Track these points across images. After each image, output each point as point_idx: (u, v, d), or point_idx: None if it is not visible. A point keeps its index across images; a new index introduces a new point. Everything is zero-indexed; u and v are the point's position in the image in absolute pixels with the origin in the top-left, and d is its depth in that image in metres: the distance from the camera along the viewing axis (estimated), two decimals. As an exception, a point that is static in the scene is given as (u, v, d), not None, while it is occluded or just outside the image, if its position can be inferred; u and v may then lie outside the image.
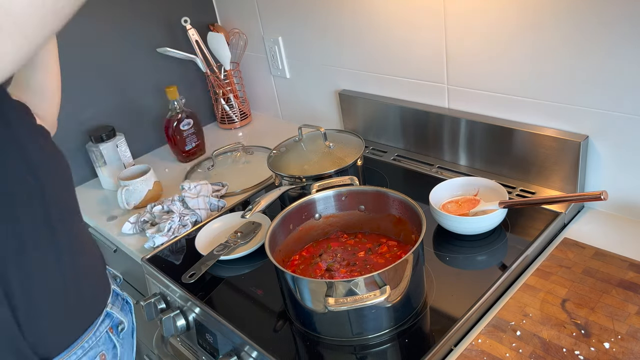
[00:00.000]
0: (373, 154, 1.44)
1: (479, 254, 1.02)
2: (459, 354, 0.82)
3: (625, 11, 0.91)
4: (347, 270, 0.95)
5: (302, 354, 0.89)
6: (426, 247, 1.05)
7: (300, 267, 0.99)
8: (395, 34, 1.29)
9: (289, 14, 1.54)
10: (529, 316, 0.85)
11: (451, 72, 1.23)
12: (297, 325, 0.92)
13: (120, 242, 1.29)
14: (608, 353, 0.77)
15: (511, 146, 1.17)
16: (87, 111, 1.56)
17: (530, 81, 1.10)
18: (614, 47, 0.95)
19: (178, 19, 1.66)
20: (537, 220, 1.07)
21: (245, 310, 0.99)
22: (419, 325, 0.88)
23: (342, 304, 0.78)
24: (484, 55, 1.14)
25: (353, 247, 1.02)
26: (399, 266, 0.82)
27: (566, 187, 1.12)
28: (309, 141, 1.28)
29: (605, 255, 0.95)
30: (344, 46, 1.44)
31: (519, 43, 1.07)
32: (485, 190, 1.11)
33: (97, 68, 1.56)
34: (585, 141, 1.06)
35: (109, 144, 1.49)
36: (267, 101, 1.84)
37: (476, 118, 1.21)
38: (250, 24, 1.69)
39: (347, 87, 1.50)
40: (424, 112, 1.31)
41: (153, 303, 1.12)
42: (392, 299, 0.84)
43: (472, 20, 1.13)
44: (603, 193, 0.90)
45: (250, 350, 0.91)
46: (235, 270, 1.10)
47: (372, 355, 0.85)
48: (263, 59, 1.73)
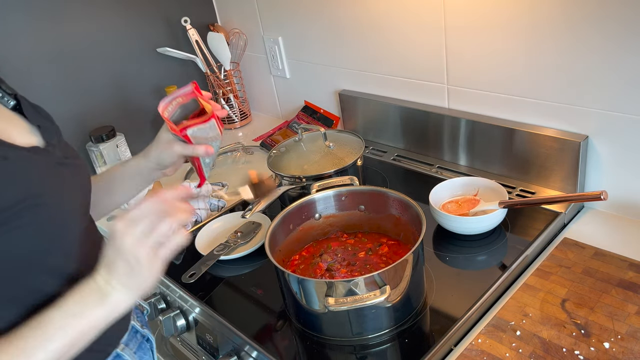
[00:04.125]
0: (373, 154, 1.44)
1: (479, 254, 1.02)
2: (459, 354, 0.82)
3: (625, 11, 0.91)
4: (347, 270, 0.95)
5: (302, 354, 0.89)
6: (426, 247, 1.05)
7: (300, 267, 0.99)
8: (395, 34, 1.29)
9: (289, 14, 1.54)
10: (529, 316, 0.85)
11: (451, 72, 1.23)
12: (297, 325, 0.92)
13: (120, 242, 1.29)
14: (608, 353, 0.77)
15: (511, 146, 1.17)
16: (87, 111, 1.56)
17: (530, 81, 1.10)
18: (614, 47, 0.95)
19: (178, 19, 1.66)
20: (537, 220, 1.07)
21: (245, 310, 0.99)
22: (419, 325, 0.88)
23: (342, 304, 0.78)
24: (484, 55, 1.14)
25: (353, 247, 1.02)
26: (399, 266, 0.82)
27: (566, 187, 1.12)
28: (309, 141, 1.28)
29: (605, 255, 0.95)
30: (344, 46, 1.44)
31: (518, 43, 1.07)
32: (485, 190, 1.11)
33: (97, 68, 1.56)
34: (585, 141, 1.06)
35: (109, 144, 1.49)
36: (267, 101, 1.84)
37: (476, 118, 1.21)
38: (250, 24, 1.69)
39: (347, 87, 1.50)
40: (424, 112, 1.31)
41: (153, 303, 1.12)
42: (392, 299, 0.84)
43: (472, 20, 1.13)
44: (603, 193, 0.90)
45: (250, 350, 0.91)
46: (235, 270, 1.10)
47: (372, 355, 0.86)
48: (263, 59, 1.73)
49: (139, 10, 1.61)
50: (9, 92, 0.74)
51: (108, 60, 1.58)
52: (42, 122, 0.75)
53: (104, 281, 0.65)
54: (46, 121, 0.76)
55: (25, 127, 0.72)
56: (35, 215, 0.64)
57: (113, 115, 1.62)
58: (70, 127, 1.52)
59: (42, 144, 0.72)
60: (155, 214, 0.66)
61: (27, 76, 1.44)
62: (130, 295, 0.66)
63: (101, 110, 1.59)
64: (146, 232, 0.65)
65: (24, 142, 0.68)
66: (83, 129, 1.55)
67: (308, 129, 1.31)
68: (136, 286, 0.66)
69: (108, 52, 1.58)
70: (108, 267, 0.66)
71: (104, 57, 1.57)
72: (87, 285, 0.66)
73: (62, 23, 1.47)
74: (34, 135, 0.72)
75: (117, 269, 0.65)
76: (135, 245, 0.64)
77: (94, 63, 1.55)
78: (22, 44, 1.41)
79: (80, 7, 1.49)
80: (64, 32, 1.48)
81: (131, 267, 0.64)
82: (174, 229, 0.66)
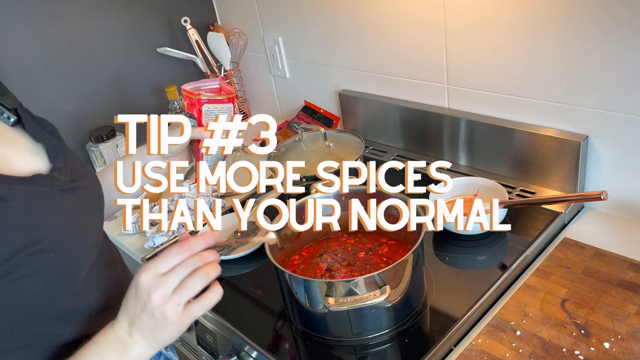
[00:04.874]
0: (373, 154, 1.44)
1: (479, 254, 1.02)
2: (459, 354, 0.82)
3: (625, 11, 0.91)
4: (347, 270, 0.95)
5: (302, 354, 0.89)
6: (426, 247, 1.05)
7: (300, 267, 0.99)
8: (395, 34, 1.29)
9: (289, 14, 1.54)
10: (529, 316, 0.85)
11: (451, 72, 1.23)
12: (297, 325, 0.92)
13: (120, 242, 1.29)
14: (608, 353, 0.77)
15: (511, 146, 1.17)
16: (87, 111, 1.56)
17: (530, 81, 1.10)
18: (615, 47, 0.95)
19: (178, 19, 1.66)
20: (537, 220, 1.07)
21: (245, 310, 0.99)
22: (419, 325, 0.88)
23: (342, 304, 0.78)
24: (484, 55, 1.14)
25: (353, 247, 1.01)
26: (399, 266, 0.82)
27: (566, 187, 1.12)
28: (309, 141, 1.28)
29: (605, 255, 0.95)
30: (344, 46, 1.44)
31: (519, 43, 1.07)
32: (485, 190, 1.11)
33: (97, 68, 1.56)
34: (585, 141, 1.06)
35: (109, 144, 1.49)
36: (267, 101, 1.84)
37: (476, 118, 1.21)
38: (250, 24, 1.69)
39: (347, 87, 1.50)
40: (424, 112, 1.30)
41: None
42: (392, 299, 0.84)
43: (472, 20, 1.13)
44: (603, 193, 0.90)
45: (250, 350, 0.91)
46: (235, 270, 1.10)
47: (372, 355, 0.85)
48: (263, 59, 1.73)
49: (139, 10, 1.61)
50: (9, 106, 0.69)
51: (108, 60, 1.58)
52: (47, 140, 0.70)
53: (126, 334, 0.62)
54: (52, 137, 0.71)
55: (29, 147, 0.68)
56: (39, 262, 0.60)
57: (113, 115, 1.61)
58: (70, 127, 1.52)
59: (47, 168, 0.67)
60: (184, 268, 0.62)
61: (27, 76, 1.44)
62: (153, 349, 0.64)
63: (101, 110, 1.59)
64: (175, 289, 0.62)
65: (26, 168, 0.64)
66: (83, 129, 1.55)
67: (308, 129, 1.30)
68: (160, 341, 0.64)
69: (108, 52, 1.58)
70: (131, 320, 0.63)
71: (104, 57, 1.57)
72: (107, 338, 0.63)
73: (62, 23, 1.47)
74: (38, 156, 0.68)
75: (141, 324, 0.62)
76: (165, 303, 0.61)
77: (94, 63, 1.55)
78: (22, 44, 1.41)
79: (80, 7, 1.49)
80: (64, 32, 1.48)
81: (157, 323, 0.62)
82: (204, 284, 0.63)
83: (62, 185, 0.66)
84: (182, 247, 0.64)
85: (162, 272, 0.62)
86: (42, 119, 0.73)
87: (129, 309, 0.63)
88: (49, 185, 0.64)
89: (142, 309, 0.61)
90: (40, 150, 0.68)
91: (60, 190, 0.65)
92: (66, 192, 0.66)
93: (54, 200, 0.64)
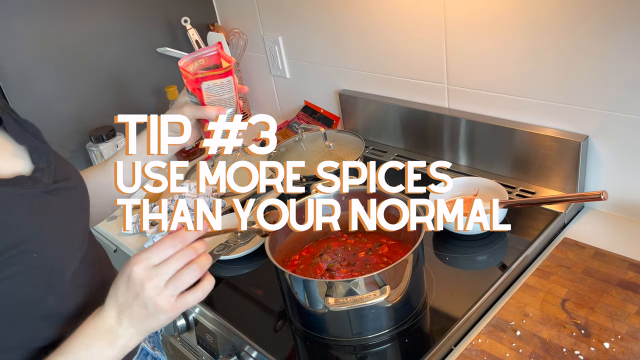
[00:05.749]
0: (373, 154, 1.44)
1: (479, 254, 1.02)
2: (459, 354, 0.82)
3: (625, 11, 0.91)
4: (347, 270, 0.95)
5: (302, 354, 0.89)
6: (426, 247, 1.05)
7: (300, 267, 0.99)
8: (395, 33, 1.29)
9: (289, 14, 1.54)
10: (529, 316, 0.85)
11: (451, 72, 1.23)
12: (297, 325, 0.92)
13: (120, 242, 1.29)
14: (608, 353, 0.77)
15: (511, 146, 1.17)
16: (87, 111, 1.56)
17: (530, 81, 1.10)
18: (614, 47, 0.95)
19: (178, 19, 1.66)
20: (537, 220, 1.07)
21: (245, 310, 0.99)
22: (419, 325, 0.88)
23: (342, 304, 0.78)
24: (484, 55, 1.14)
25: (353, 247, 1.01)
26: (399, 266, 0.82)
27: (566, 187, 1.12)
28: (309, 141, 1.27)
29: (605, 255, 0.95)
30: (344, 46, 1.44)
31: (519, 43, 1.07)
32: (485, 190, 1.11)
33: (97, 68, 1.56)
34: (585, 141, 1.06)
35: (109, 144, 1.49)
36: (267, 101, 1.84)
37: (476, 118, 1.21)
38: (250, 24, 1.69)
39: (347, 87, 1.50)
40: (424, 112, 1.31)
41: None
42: (392, 299, 0.84)
43: (472, 20, 1.13)
44: (603, 193, 0.90)
45: (250, 350, 0.91)
46: (235, 270, 1.10)
47: (372, 355, 0.86)
48: (263, 59, 1.73)
49: (138, 10, 1.61)
50: None
51: (108, 60, 1.58)
52: (31, 142, 0.69)
53: (115, 322, 0.62)
54: (35, 140, 0.70)
55: (11, 149, 0.68)
56: (22, 264, 0.59)
57: (113, 115, 1.61)
58: (70, 127, 1.52)
59: (29, 169, 0.67)
60: (177, 259, 0.62)
61: (27, 76, 1.44)
62: (141, 335, 0.64)
63: (101, 110, 1.59)
64: (168, 280, 0.62)
65: (8, 170, 0.64)
66: (83, 129, 1.55)
67: (308, 129, 1.30)
68: (149, 329, 0.64)
69: (108, 52, 1.58)
70: (121, 308, 0.62)
71: (104, 57, 1.57)
72: (94, 327, 0.62)
73: (62, 23, 1.47)
74: (20, 159, 0.67)
75: (131, 313, 0.62)
76: (158, 294, 0.61)
77: (94, 63, 1.55)
78: (22, 44, 1.41)
79: (80, 7, 1.49)
80: (64, 32, 1.48)
81: (149, 313, 0.62)
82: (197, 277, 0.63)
83: (45, 186, 0.66)
84: (175, 238, 0.63)
85: (156, 264, 0.62)
86: (24, 121, 0.72)
87: (119, 297, 0.62)
88: (31, 186, 0.64)
89: (134, 299, 0.61)
90: (22, 152, 0.68)
91: (42, 191, 0.65)
92: (49, 194, 0.66)
93: (36, 202, 0.64)
